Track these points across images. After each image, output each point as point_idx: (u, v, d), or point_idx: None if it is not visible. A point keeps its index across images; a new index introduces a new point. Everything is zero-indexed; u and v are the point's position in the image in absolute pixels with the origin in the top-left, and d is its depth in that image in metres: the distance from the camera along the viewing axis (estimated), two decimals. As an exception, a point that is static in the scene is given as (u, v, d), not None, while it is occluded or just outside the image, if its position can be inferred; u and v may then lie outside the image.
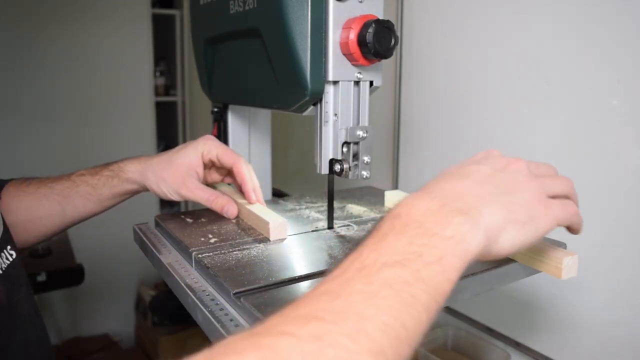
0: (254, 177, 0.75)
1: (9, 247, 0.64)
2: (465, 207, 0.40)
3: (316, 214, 0.77)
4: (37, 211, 0.75)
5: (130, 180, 0.76)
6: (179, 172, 0.73)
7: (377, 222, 0.39)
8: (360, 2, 0.61)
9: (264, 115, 0.91)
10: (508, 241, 0.41)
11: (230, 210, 0.72)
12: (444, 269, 0.36)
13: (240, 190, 0.75)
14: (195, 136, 0.80)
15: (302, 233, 0.68)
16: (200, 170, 0.75)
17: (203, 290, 0.53)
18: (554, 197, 0.46)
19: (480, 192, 0.42)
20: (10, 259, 0.63)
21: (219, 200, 0.72)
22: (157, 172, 0.73)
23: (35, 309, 0.66)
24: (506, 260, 0.57)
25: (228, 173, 0.79)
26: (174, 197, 0.73)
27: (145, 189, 0.77)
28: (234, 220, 0.73)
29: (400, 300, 0.32)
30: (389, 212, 0.40)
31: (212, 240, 0.64)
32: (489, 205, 0.41)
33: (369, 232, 0.38)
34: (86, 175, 0.77)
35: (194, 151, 0.75)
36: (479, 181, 0.44)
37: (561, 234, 0.68)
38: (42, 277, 1.43)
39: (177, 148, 0.77)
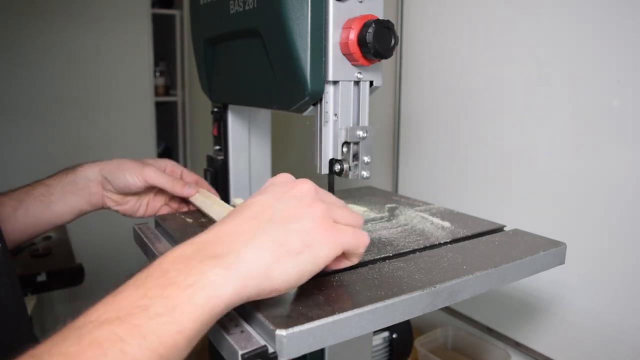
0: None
1: None
2: (220, 251, 0.39)
3: (316, 214, 0.77)
4: None
5: (85, 174, 0.76)
6: (140, 162, 0.78)
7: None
8: (360, 2, 0.61)
9: (264, 115, 0.91)
10: (281, 275, 0.41)
11: (191, 190, 0.78)
12: (175, 319, 0.35)
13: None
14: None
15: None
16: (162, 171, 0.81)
17: (203, 290, 0.53)
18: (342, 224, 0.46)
19: (247, 228, 0.42)
20: None
21: (179, 181, 0.78)
22: (120, 161, 0.77)
23: (17, 298, 0.65)
24: (506, 260, 0.57)
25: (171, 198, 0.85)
26: (134, 181, 0.75)
27: (98, 199, 0.77)
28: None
29: (107, 358, 0.32)
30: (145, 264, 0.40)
31: (212, 240, 0.64)
32: (253, 244, 0.40)
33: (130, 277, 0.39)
34: (45, 178, 0.77)
35: (160, 160, 0.83)
36: (252, 215, 0.43)
37: (561, 234, 0.68)
38: (42, 277, 1.43)
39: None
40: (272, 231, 0.41)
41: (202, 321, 0.37)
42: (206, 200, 0.77)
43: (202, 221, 0.74)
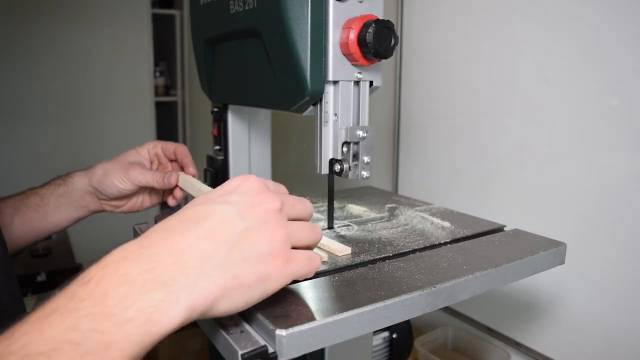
0: (191, 159, 0.83)
1: None
2: (168, 276, 0.36)
3: (316, 214, 0.77)
4: None
5: (76, 185, 0.76)
6: (125, 161, 0.78)
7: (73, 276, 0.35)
8: (360, 2, 0.61)
9: (264, 115, 0.91)
10: (228, 306, 0.39)
11: (170, 177, 0.77)
12: (108, 356, 0.32)
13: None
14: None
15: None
16: (147, 163, 0.81)
17: (203, 290, 0.53)
18: (297, 247, 0.44)
19: (202, 251, 0.38)
20: None
21: (158, 174, 0.77)
22: (105, 166, 0.77)
23: (15, 298, 0.64)
24: (506, 260, 0.57)
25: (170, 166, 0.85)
26: (122, 183, 0.76)
27: (93, 205, 0.78)
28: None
29: None
30: (87, 270, 0.35)
31: (212, 240, 0.64)
32: (206, 274, 0.37)
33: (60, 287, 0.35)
34: (38, 187, 0.78)
35: (141, 148, 0.82)
36: (209, 232, 0.39)
37: (561, 234, 0.68)
38: (42, 277, 1.43)
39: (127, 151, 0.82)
40: (227, 262, 0.38)
41: (138, 355, 0.34)
42: (190, 185, 0.77)
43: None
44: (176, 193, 0.83)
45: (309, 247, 0.46)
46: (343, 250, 0.59)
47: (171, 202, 0.85)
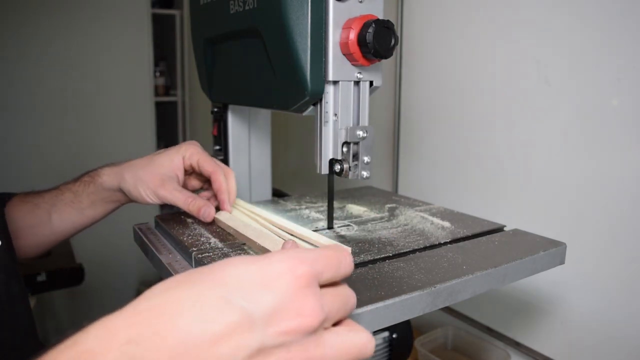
0: (233, 185, 0.73)
1: None
2: None
3: (316, 214, 0.77)
4: (29, 219, 0.75)
5: (105, 186, 0.74)
6: (158, 174, 0.71)
7: None
8: (360, 2, 0.61)
9: (264, 115, 0.91)
10: None
11: (207, 212, 0.70)
12: None
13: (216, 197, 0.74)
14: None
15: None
16: (181, 174, 0.74)
17: (203, 290, 0.53)
18: None
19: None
20: None
21: (196, 202, 0.70)
22: (136, 173, 0.72)
23: (11, 297, 0.65)
24: (506, 260, 0.57)
25: (207, 180, 0.77)
26: (151, 199, 0.72)
27: (123, 198, 0.76)
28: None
29: None
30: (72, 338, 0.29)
31: (212, 241, 0.64)
32: None
33: None
34: (70, 183, 0.77)
35: (176, 154, 0.73)
36: (214, 340, 0.28)
37: (561, 234, 0.68)
38: (42, 277, 1.43)
39: (159, 151, 0.75)
40: None
41: None
42: (232, 220, 0.69)
43: (202, 221, 0.72)
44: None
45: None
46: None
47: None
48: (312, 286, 0.33)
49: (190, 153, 0.73)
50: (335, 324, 0.35)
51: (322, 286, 0.35)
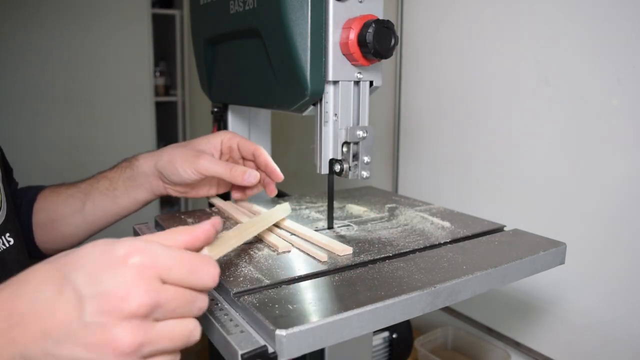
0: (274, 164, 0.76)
1: (7, 235, 0.65)
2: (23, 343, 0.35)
3: (316, 214, 0.77)
4: (62, 209, 0.75)
5: (142, 169, 0.74)
6: (195, 150, 0.73)
7: None
8: (360, 2, 0.61)
9: (264, 115, 0.91)
10: None
11: (252, 175, 0.71)
12: None
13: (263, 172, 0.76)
14: (195, 136, 0.80)
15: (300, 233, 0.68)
16: (217, 153, 0.75)
17: (203, 290, 0.53)
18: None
19: (31, 334, 0.35)
20: (7, 245, 0.64)
21: (239, 168, 0.71)
22: (173, 151, 0.73)
23: None
24: (506, 260, 0.57)
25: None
26: (187, 174, 0.71)
27: (158, 188, 0.76)
28: (232, 221, 0.73)
29: None
30: None
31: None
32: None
33: None
34: (107, 170, 0.78)
35: (213, 137, 0.76)
36: (42, 311, 0.35)
37: (561, 234, 0.68)
38: (42, 277, 1.43)
39: (197, 138, 0.77)
40: (51, 353, 0.35)
41: None
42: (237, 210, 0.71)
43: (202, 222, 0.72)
44: (247, 189, 0.78)
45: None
46: (344, 250, 0.59)
47: (236, 195, 0.78)
48: (145, 277, 0.36)
49: (228, 137, 0.76)
50: None
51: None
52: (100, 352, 0.35)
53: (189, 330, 0.39)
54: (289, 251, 0.60)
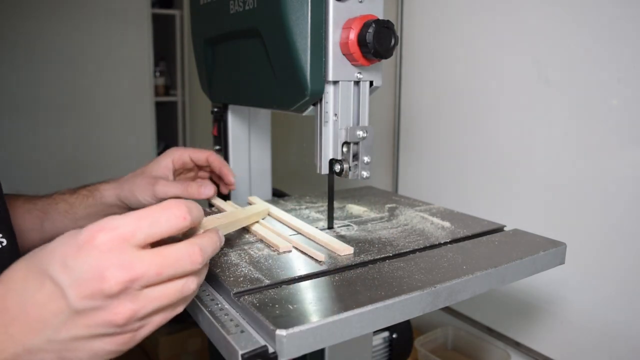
0: (228, 166, 0.80)
1: (0, 235, 0.65)
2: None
3: (316, 214, 0.77)
4: (20, 224, 0.76)
5: (104, 201, 0.78)
6: (150, 177, 0.77)
7: None
8: (360, 2, 0.61)
9: (264, 115, 0.91)
10: None
11: (207, 189, 0.76)
12: None
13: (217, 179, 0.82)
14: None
15: (298, 234, 0.68)
16: (170, 174, 0.79)
17: (203, 290, 0.53)
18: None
19: (26, 328, 0.37)
20: (0, 246, 0.64)
21: (193, 185, 0.75)
22: (133, 182, 0.77)
23: None
24: (506, 260, 0.57)
25: (196, 174, 0.84)
26: (148, 200, 0.75)
27: (122, 210, 0.78)
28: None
29: None
30: None
31: (212, 240, 0.64)
32: (32, 352, 0.37)
33: None
34: (66, 194, 0.79)
35: (163, 158, 0.80)
36: (35, 309, 0.37)
37: (561, 234, 0.68)
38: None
39: (150, 160, 0.81)
40: (54, 341, 0.37)
41: None
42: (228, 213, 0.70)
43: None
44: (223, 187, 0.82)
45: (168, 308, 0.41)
46: (345, 250, 0.59)
47: (224, 190, 0.83)
48: (116, 251, 0.36)
49: (178, 154, 0.80)
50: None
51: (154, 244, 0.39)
52: (99, 328, 0.37)
53: (181, 285, 0.39)
54: (289, 251, 0.60)
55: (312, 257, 0.58)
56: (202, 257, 0.40)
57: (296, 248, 0.62)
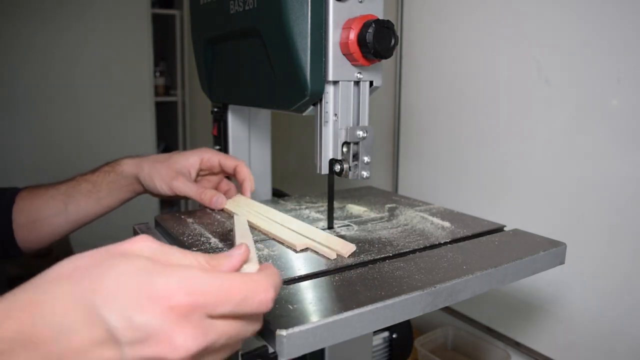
0: (252, 178, 0.80)
1: None
2: None
3: (316, 214, 0.77)
4: (44, 211, 0.77)
5: (125, 173, 0.79)
6: (173, 168, 0.77)
7: None
8: (360, 2, 0.61)
9: (264, 115, 0.91)
10: None
11: (219, 201, 0.76)
12: None
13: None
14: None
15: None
16: (194, 172, 0.80)
17: (203, 290, 0.53)
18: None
19: None
20: None
21: (208, 192, 0.76)
22: (153, 165, 0.78)
23: None
24: (506, 260, 0.57)
25: (219, 182, 0.84)
26: (164, 190, 0.77)
27: (138, 188, 0.80)
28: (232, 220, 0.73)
29: None
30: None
31: (212, 241, 0.64)
32: None
33: None
34: (88, 174, 0.81)
35: (192, 155, 0.80)
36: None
37: (561, 234, 0.68)
38: (42, 277, 1.43)
39: (178, 151, 0.81)
40: None
41: None
42: (240, 223, 0.67)
43: (202, 221, 0.73)
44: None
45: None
46: (346, 248, 0.59)
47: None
48: (192, 319, 0.32)
49: (209, 156, 0.80)
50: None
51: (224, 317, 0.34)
52: None
53: (243, 336, 0.37)
54: (306, 249, 0.61)
55: (320, 255, 0.58)
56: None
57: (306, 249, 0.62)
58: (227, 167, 0.80)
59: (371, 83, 0.66)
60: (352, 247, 0.60)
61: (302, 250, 0.60)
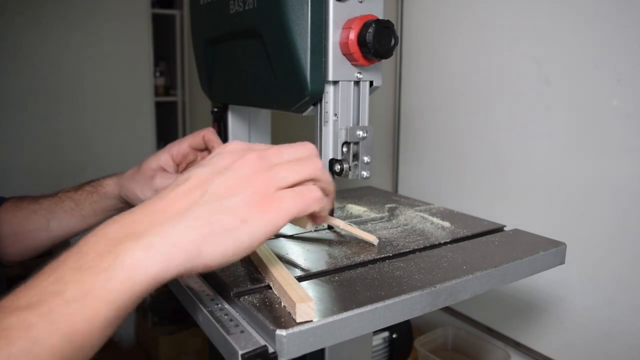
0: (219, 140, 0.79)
1: None
2: (142, 230, 0.38)
3: (316, 214, 0.77)
4: (26, 225, 0.77)
5: (108, 195, 0.78)
6: (148, 171, 0.75)
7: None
8: (360, 2, 0.61)
9: (264, 115, 0.91)
10: (212, 253, 0.39)
11: None
12: (89, 305, 0.34)
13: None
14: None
15: (302, 233, 0.68)
16: (170, 169, 0.77)
17: (203, 290, 0.53)
18: (293, 185, 0.42)
19: (177, 208, 0.40)
20: None
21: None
22: (131, 178, 0.76)
23: None
24: (506, 260, 0.57)
25: (202, 158, 0.81)
26: (148, 195, 0.74)
27: (122, 206, 0.78)
28: None
29: (14, 348, 0.31)
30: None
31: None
32: (178, 223, 0.38)
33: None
34: (71, 191, 0.80)
35: (163, 153, 0.78)
36: (185, 192, 0.41)
37: (561, 234, 0.68)
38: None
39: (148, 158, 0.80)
40: (201, 210, 0.39)
41: (119, 305, 0.36)
42: None
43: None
44: None
45: (299, 183, 0.44)
46: (371, 239, 0.63)
47: None
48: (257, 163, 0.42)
49: (176, 148, 0.78)
50: None
51: None
52: (239, 189, 0.41)
53: (302, 165, 0.44)
54: (376, 243, 0.63)
55: (310, 257, 0.58)
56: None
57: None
58: (198, 144, 0.78)
59: (371, 83, 0.66)
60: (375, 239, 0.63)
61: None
